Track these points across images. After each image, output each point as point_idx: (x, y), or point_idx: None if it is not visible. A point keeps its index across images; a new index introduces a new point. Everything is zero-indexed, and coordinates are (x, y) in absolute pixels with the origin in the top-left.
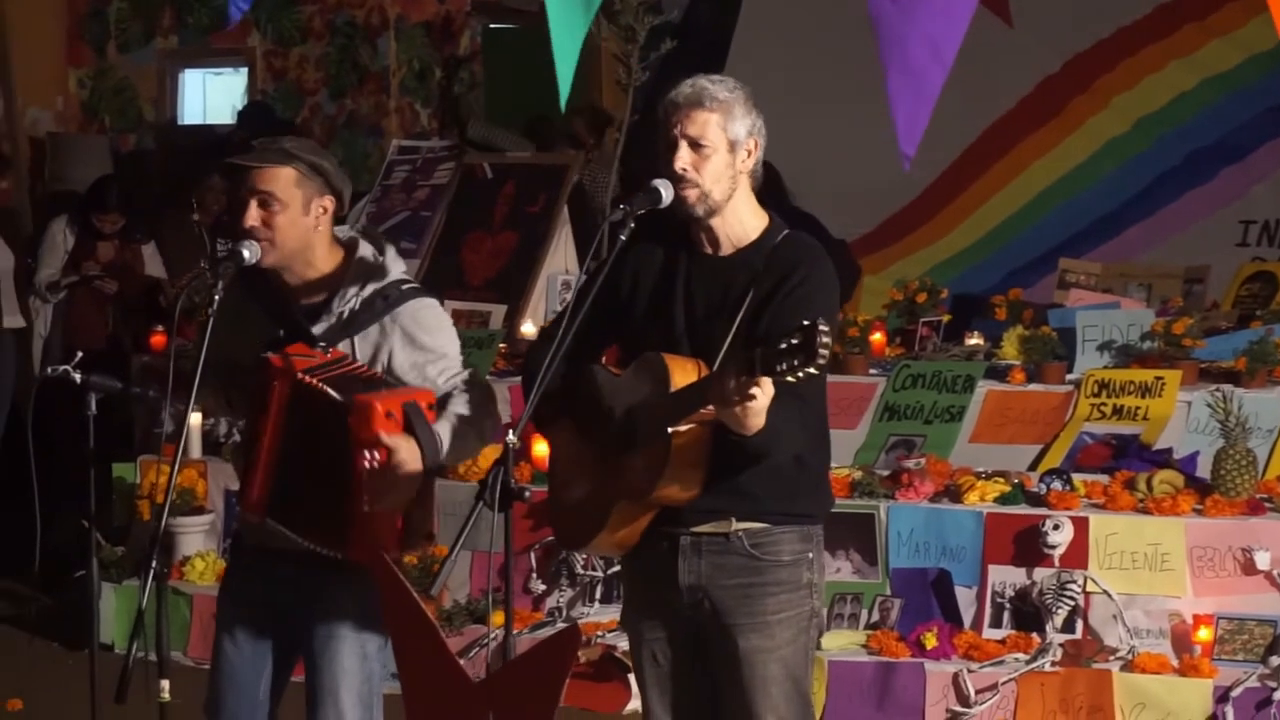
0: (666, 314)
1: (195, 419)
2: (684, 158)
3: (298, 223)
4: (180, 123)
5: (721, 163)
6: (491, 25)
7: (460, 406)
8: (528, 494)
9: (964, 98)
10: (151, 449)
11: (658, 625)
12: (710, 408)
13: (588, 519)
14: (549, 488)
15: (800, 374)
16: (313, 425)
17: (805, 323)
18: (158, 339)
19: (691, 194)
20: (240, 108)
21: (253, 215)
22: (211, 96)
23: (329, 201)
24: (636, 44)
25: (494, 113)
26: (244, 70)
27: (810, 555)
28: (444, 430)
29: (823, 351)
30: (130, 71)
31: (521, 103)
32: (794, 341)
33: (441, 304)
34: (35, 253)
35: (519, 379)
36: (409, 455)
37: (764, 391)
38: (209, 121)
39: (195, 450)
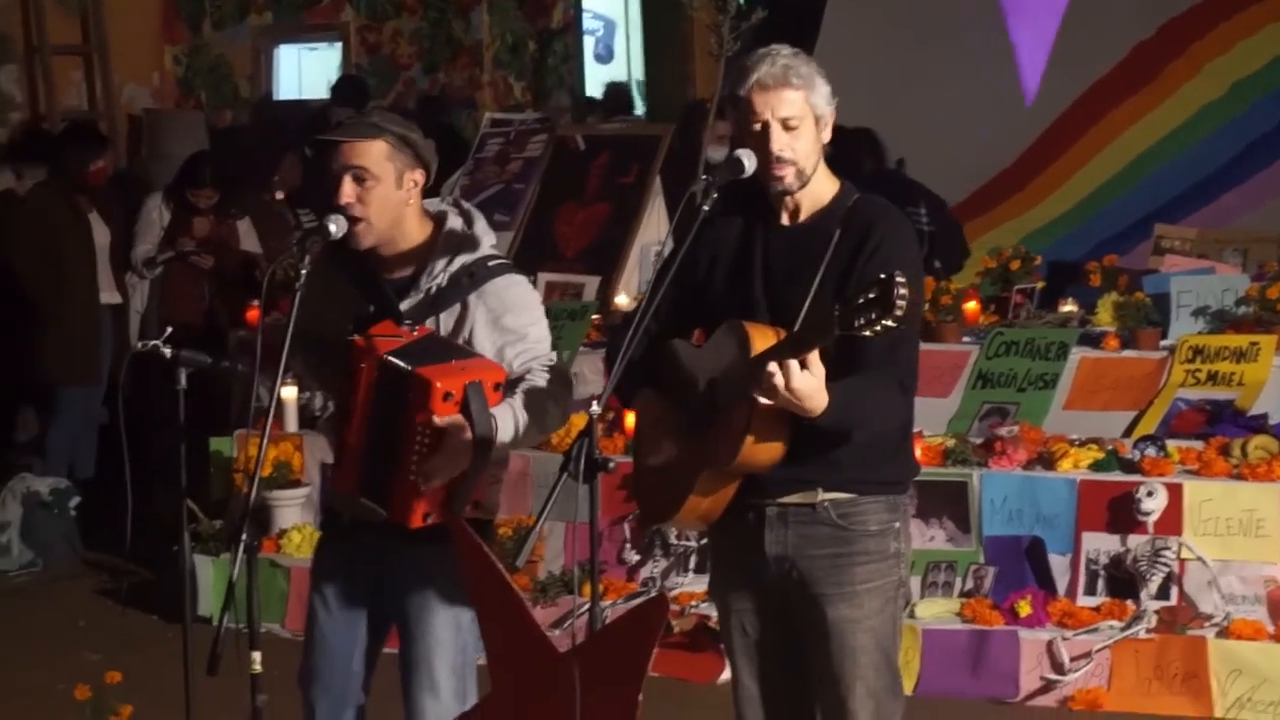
0: (745, 285)
1: (290, 393)
2: (780, 139)
3: (391, 196)
4: (275, 98)
5: (811, 137)
6: None
7: (529, 392)
8: (612, 465)
9: (1057, 64)
10: (248, 423)
11: (745, 596)
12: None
13: (672, 492)
14: (634, 463)
15: (879, 327)
16: (390, 399)
17: (882, 275)
18: (254, 314)
19: (789, 173)
20: (333, 82)
21: (348, 191)
22: (306, 72)
23: (419, 175)
24: (728, 14)
25: None
26: (338, 45)
27: (897, 525)
28: (504, 415)
29: (900, 303)
30: (225, 48)
31: None
32: (871, 295)
33: (535, 276)
34: (132, 229)
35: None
36: (459, 440)
37: (801, 375)
38: (304, 97)
39: (291, 424)
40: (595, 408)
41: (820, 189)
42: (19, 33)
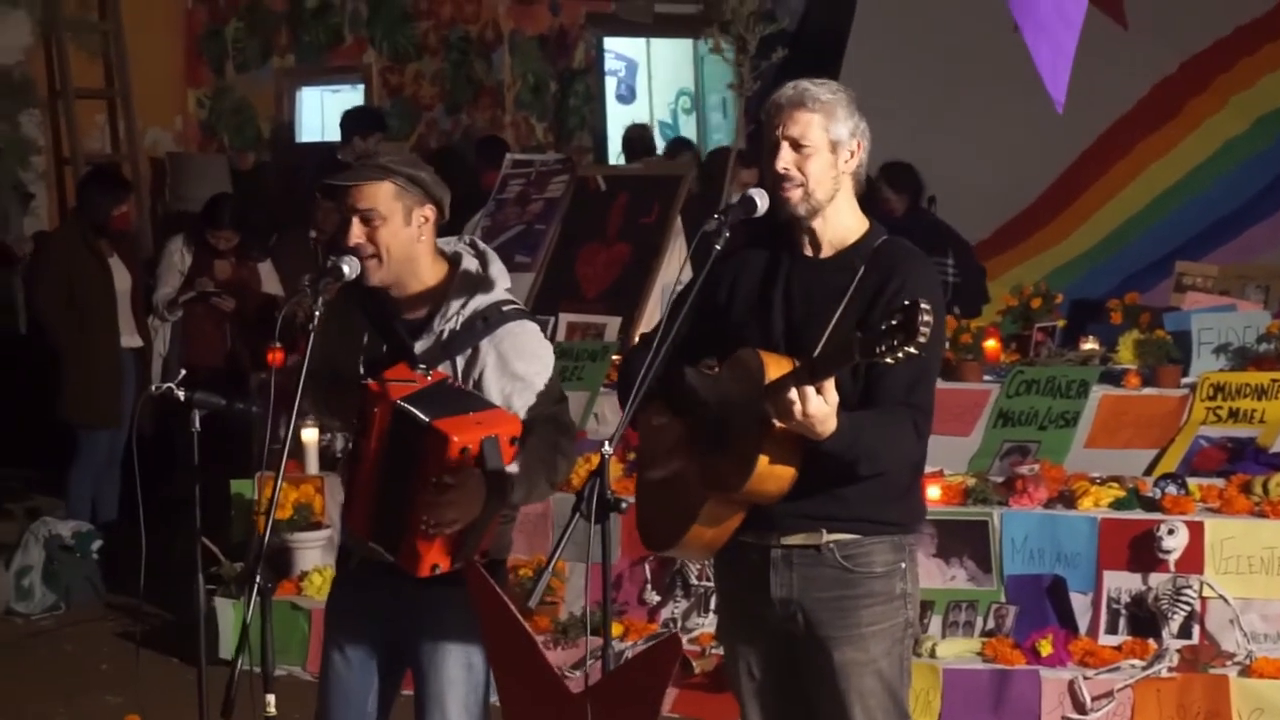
0: (765, 316)
1: (311, 435)
2: (786, 157)
3: (400, 234)
4: (298, 140)
5: (824, 163)
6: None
7: (538, 447)
8: (625, 505)
9: (1080, 101)
10: (269, 465)
11: (751, 639)
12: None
13: (676, 517)
14: (637, 486)
15: (900, 354)
16: (404, 448)
17: (906, 302)
18: (275, 356)
19: (795, 194)
20: (343, 114)
21: (356, 233)
22: (329, 114)
23: (430, 211)
24: (748, 53)
25: None
26: (361, 87)
27: (903, 565)
28: (518, 472)
29: (924, 329)
30: (248, 90)
31: None
32: (894, 321)
33: (556, 317)
34: (154, 272)
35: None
36: (474, 496)
37: (816, 400)
38: (327, 139)
39: (312, 466)
40: (607, 448)
41: (847, 224)
42: (42, 76)
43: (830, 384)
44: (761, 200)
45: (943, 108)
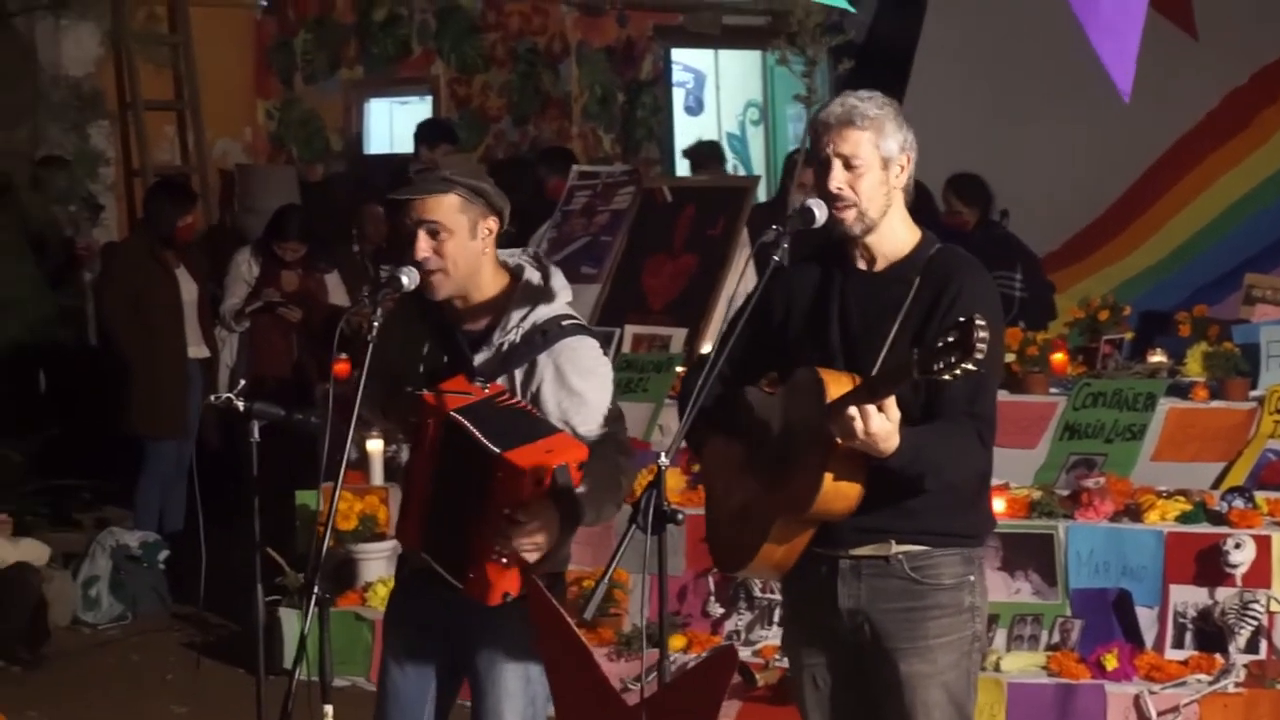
0: (822, 332)
1: (376, 446)
2: (838, 177)
3: (467, 247)
4: (366, 152)
5: (876, 180)
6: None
7: (602, 469)
8: (681, 517)
9: (1149, 113)
10: (333, 476)
11: (818, 650)
12: None
13: (746, 539)
14: (706, 510)
15: (958, 370)
16: (462, 464)
17: (962, 319)
18: (341, 367)
19: (849, 214)
20: (417, 126)
21: (423, 247)
22: (398, 125)
23: (493, 222)
24: (815, 64)
25: None
26: (429, 99)
27: (972, 578)
28: (586, 498)
29: (980, 345)
30: (316, 102)
31: None
32: (950, 339)
33: (622, 328)
34: (222, 283)
35: None
36: (549, 525)
37: (878, 418)
38: (395, 150)
39: (377, 477)
40: (664, 459)
41: (899, 237)
42: (112, 89)
43: (891, 401)
44: (820, 211)
45: (1010, 120)
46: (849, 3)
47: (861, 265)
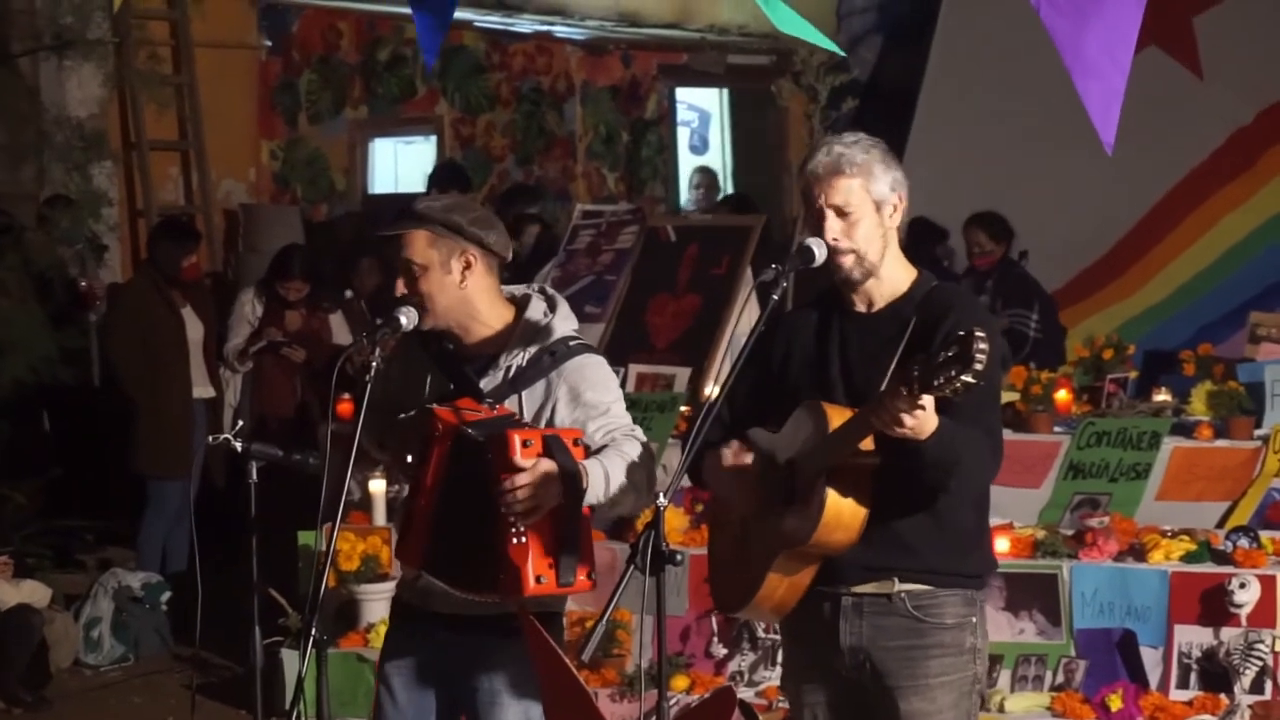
0: (823, 375)
1: (379, 487)
2: (834, 228)
3: (442, 282)
4: (371, 192)
5: (871, 224)
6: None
7: (613, 454)
8: (680, 558)
9: (1155, 151)
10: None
11: (818, 688)
12: (870, 448)
13: (747, 576)
14: (708, 548)
15: (958, 384)
16: (471, 476)
17: (961, 333)
18: (344, 407)
19: (847, 261)
20: (431, 170)
21: (400, 284)
22: (402, 165)
23: (472, 255)
24: (818, 103)
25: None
26: (433, 139)
27: (974, 620)
28: (593, 466)
29: (980, 357)
30: (321, 142)
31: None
32: (950, 353)
33: (625, 367)
34: (226, 323)
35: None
36: (546, 478)
37: (925, 415)
38: (400, 190)
39: (380, 518)
40: (663, 499)
41: (895, 277)
42: (116, 129)
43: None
44: (819, 250)
45: (1014, 159)
46: (838, 47)
47: (860, 308)
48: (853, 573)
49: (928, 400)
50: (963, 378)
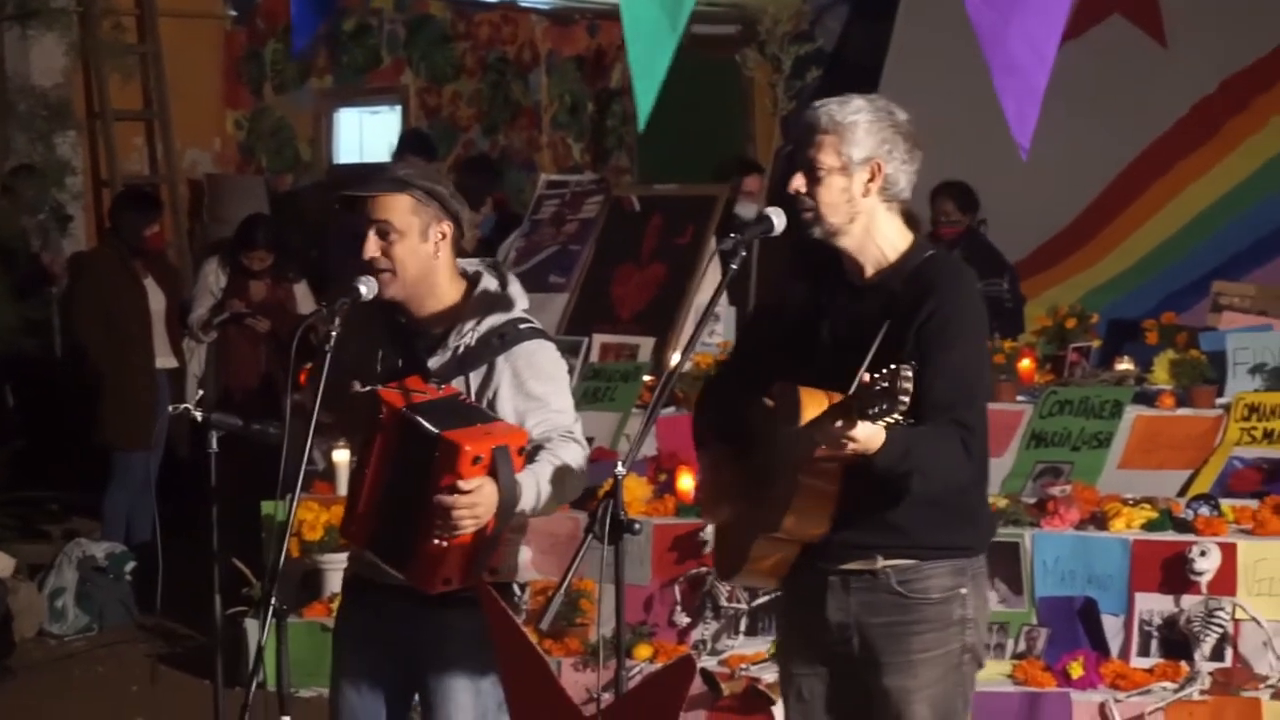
0: (810, 344)
1: (342, 456)
2: (797, 180)
3: (417, 250)
4: (336, 161)
5: (836, 186)
6: None
7: (549, 461)
8: (637, 527)
9: (1119, 121)
10: (302, 486)
11: (806, 661)
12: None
13: (734, 551)
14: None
15: (889, 418)
16: (409, 456)
17: (893, 365)
18: (306, 377)
19: (806, 216)
20: (399, 135)
21: (372, 246)
22: (368, 135)
23: (447, 226)
24: (782, 73)
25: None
26: (398, 108)
27: (963, 591)
28: (527, 481)
29: (902, 398)
30: (286, 112)
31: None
32: (882, 386)
33: (590, 337)
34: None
35: (661, 411)
36: (487, 501)
37: (861, 426)
38: (365, 160)
39: (343, 487)
40: (620, 469)
41: (888, 244)
42: (80, 98)
43: None
44: (779, 219)
45: (979, 128)
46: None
47: (850, 274)
48: (838, 550)
49: (864, 426)
50: (892, 414)
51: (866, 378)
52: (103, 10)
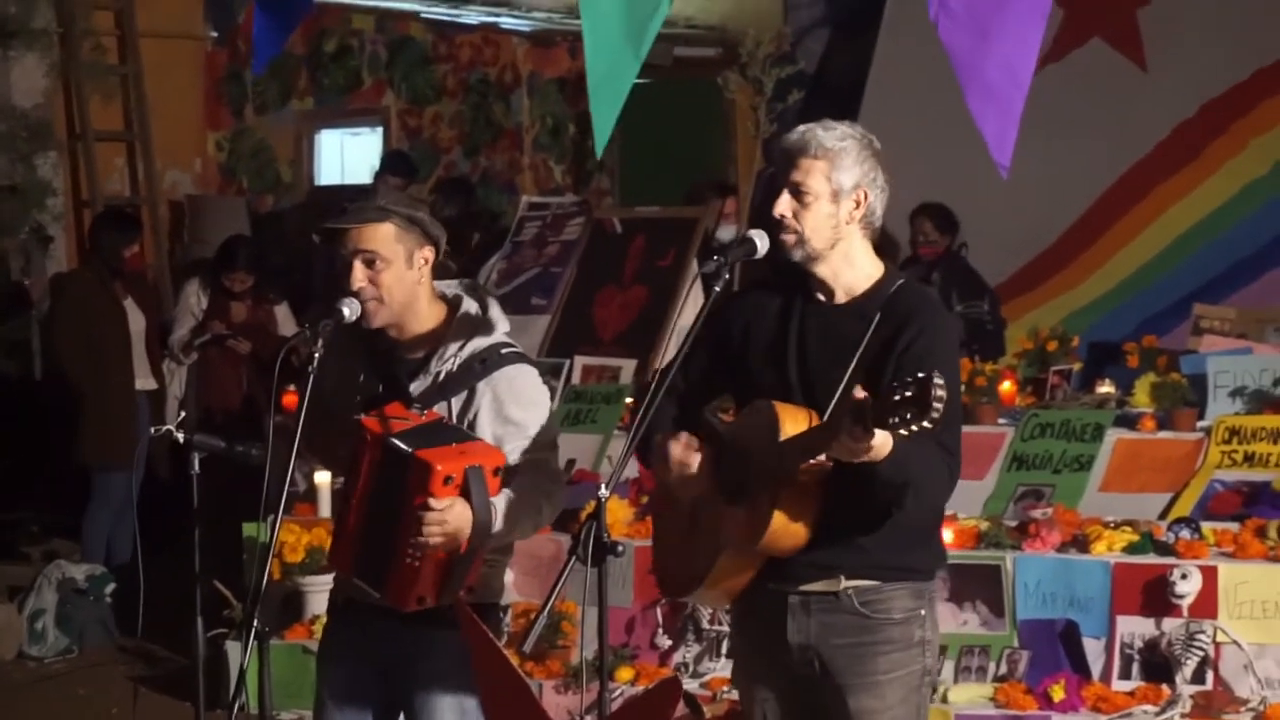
0: (779, 362)
1: (324, 478)
2: (784, 203)
3: (404, 277)
4: (317, 183)
5: (823, 212)
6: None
7: (524, 484)
8: (621, 549)
9: (1099, 144)
10: (270, 509)
11: (768, 684)
12: (820, 458)
13: (693, 565)
14: (654, 531)
15: (914, 428)
16: (390, 485)
17: (920, 375)
18: (290, 399)
19: (789, 239)
20: (382, 156)
21: (359, 276)
22: (349, 156)
23: (429, 252)
24: (764, 96)
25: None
26: (380, 130)
27: (923, 612)
28: (501, 503)
29: (937, 405)
30: (268, 133)
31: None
32: (908, 395)
33: (572, 360)
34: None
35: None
36: (457, 519)
37: (880, 441)
38: (346, 182)
39: (325, 509)
40: (604, 491)
41: (861, 271)
42: (60, 119)
43: None
44: (761, 241)
45: (960, 151)
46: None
47: (821, 297)
48: (800, 570)
49: (879, 444)
50: (920, 423)
51: (885, 390)
52: (83, 31)
